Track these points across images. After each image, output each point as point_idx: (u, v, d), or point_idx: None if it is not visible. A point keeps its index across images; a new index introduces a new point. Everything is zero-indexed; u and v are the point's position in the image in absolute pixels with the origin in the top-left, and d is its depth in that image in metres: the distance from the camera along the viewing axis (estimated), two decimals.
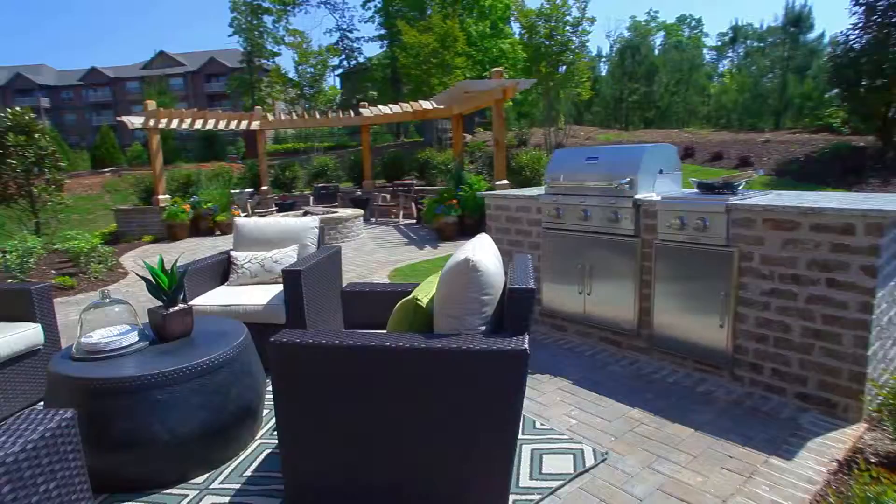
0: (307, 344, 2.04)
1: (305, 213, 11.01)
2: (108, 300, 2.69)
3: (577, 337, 4.15)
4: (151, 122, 11.10)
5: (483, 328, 2.06)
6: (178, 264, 2.95)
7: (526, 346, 1.87)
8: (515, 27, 21.38)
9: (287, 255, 4.19)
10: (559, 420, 2.89)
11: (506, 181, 9.96)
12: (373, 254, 9.00)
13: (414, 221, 12.69)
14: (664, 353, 3.55)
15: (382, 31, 33.17)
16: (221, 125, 13.15)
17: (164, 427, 2.38)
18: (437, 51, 17.22)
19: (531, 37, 15.67)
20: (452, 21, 17.91)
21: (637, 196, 3.59)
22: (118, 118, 11.51)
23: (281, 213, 12.12)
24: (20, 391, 3.27)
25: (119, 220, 11.66)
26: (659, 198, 3.50)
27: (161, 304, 2.79)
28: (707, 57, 43.58)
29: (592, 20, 15.28)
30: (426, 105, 13.42)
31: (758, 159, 14.71)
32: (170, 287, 2.74)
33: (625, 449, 2.58)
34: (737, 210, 3.07)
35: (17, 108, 9.70)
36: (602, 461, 2.48)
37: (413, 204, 13.19)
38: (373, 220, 13.66)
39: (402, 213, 13.29)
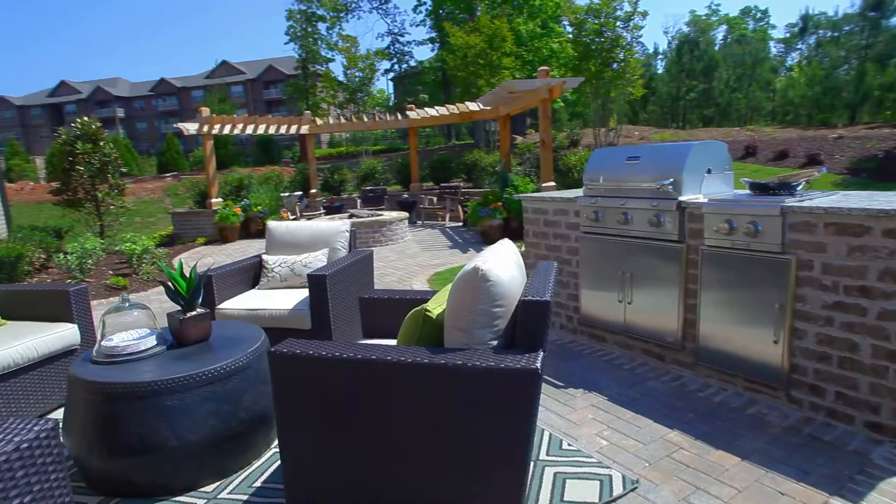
0: (306, 356, 1.93)
1: (351, 216, 11.11)
2: (127, 304, 2.70)
3: (617, 348, 3.89)
4: (205, 128, 11.51)
5: (494, 343, 1.89)
6: (216, 266, 2.94)
7: (537, 364, 1.69)
8: (566, 25, 20.87)
9: (317, 259, 4.15)
10: (589, 440, 2.67)
11: (552, 183, 9.68)
12: (415, 257, 8.94)
13: (460, 224, 12.58)
14: (711, 368, 3.24)
15: (433, 35, 33.31)
16: (272, 130, 13.49)
17: (173, 434, 2.34)
18: (485, 51, 17.03)
19: (580, 34, 15.20)
20: (500, 21, 17.67)
21: (681, 198, 3.30)
22: (175, 125, 11.99)
23: (328, 216, 12.30)
24: (56, 389, 3.36)
25: (175, 223, 12.16)
26: (705, 200, 3.21)
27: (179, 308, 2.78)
28: (773, 50, 41.16)
29: (644, 14, 14.63)
30: (472, 106, 13.28)
31: (828, 157, 13.67)
32: (187, 292, 2.71)
33: (659, 477, 2.34)
34: (794, 213, 2.75)
35: (86, 118, 10.27)
36: (632, 490, 2.25)
37: (459, 206, 13.07)
38: (419, 222, 13.65)
39: (448, 215, 13.20)
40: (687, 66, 27.30)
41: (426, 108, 14.54)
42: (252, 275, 4.26)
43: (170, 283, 2.70)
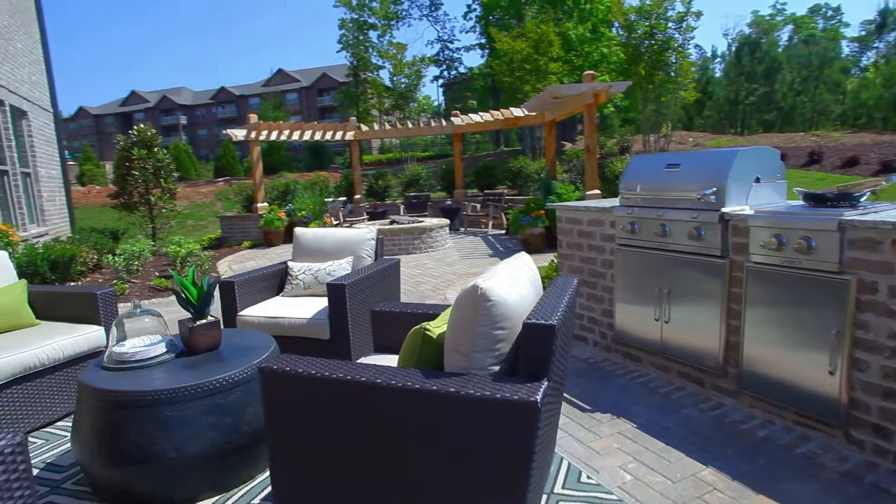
0: (296, 374, 1.82)
1: (392, 222, 11.11)
2: (138, 310, 2.69)
3: (653, 370, 3.61)
4: (252, 135, 11.81)
5: (496, 368, 1.72)
6: (239, 273, 2.90)
7: (537, 397, 1.50)
8: (616, 28, 20.28)
9: (341, 268, 4.07)
10: (611, 473, 2.44)
11: (597, 191, 9.36)
12: (453, 265, 8.81)
13: (503, 232, 12.39)
14: (755, 398, 2.93)
15: (482, 41, 33.28)
16: (318, 136, 13.72)
17: (171, 445, 2.29)
18: (531, 56, 16.76)
19: (630, 36, 14.68)
20: (547, 25, 17.35)
21: (725, 209, 3.02)
22: (224, 131, 12.39)
23: (371, 221, 12.36)
24: None
25: (223, 227, 12.53)
26: (752, 211, 2.91)
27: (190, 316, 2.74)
28: (846, 49, 38.59)
29: (698, 15, 13.95)
30: (517, 112, 13.08)
31: None
32: (197, 300, 2.68)
33: None
34: (854, 228, 2.44)
35: (142, 126, 10.74)
36: None
37: (502, 214, 12.87)
38: (462, 229, 13.54)
39: (491, 223, 13.03)
40: (747, 69, 25.98)
41: (470, 114, 14.43)
42: (278, 281, 4.24)
43: (181, 291, 2.67)
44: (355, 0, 33.96)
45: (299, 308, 3.70)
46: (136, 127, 10.54)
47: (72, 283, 7.17)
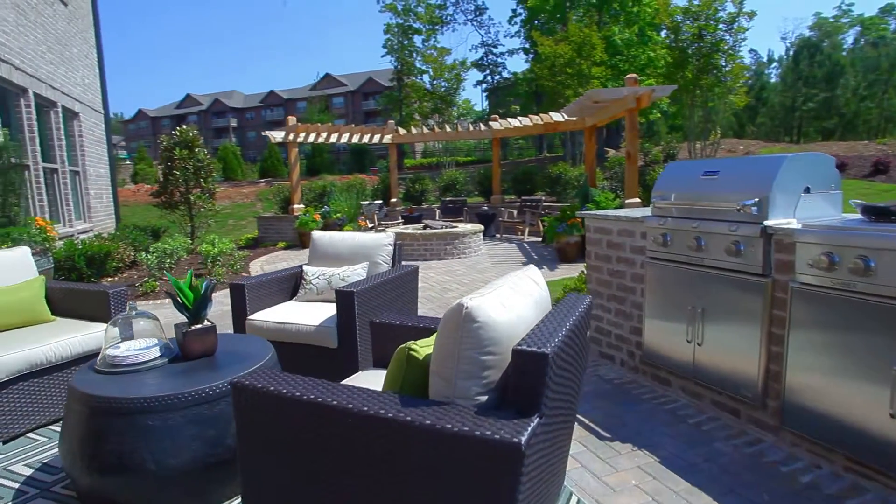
0: (267, 392, 1.66)
1: (425, 227, 10.99)
2: (133, 312, 2.61)
3: (683, 395, 3.30)
4: (290, 136, 11.94)
5: (483, 398, 1.51)
6: (252, 276, 2.80)
7: (523, 437, 1.29)
8: (664, 31, 19.55)
9: (355, 273, 3.94)
10: None
11: (637, 199, 8.97)
12: (484, 272, 8.60)
13: (539, 240, 12.08)
14: (800, 436, 2.60)
15: (525, 45, 32.95)
16: (356, 139, 13.76)
17: (151, 456, 2.17)
18: (573, 60, 16.35)
19: (676, 39, 14.05)
20: (590, 28, 16.89)
21: (768, 222, 2.70)
22: (263, 133, 12.57)
23: (405, 225, 12.29)
24: None
25: (260, 227, 12.71)
26: (799, 226, 2.59)
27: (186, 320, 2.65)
28: None
29: (751, 15, 13.17)
30: (556, 117, 12.74)
31: None
32: (193, 303, 2.57)
33: None
34: None
35: (184, 127, 11.01)
36: None
37: (539, 221, 12.57)
38: (497, 236, 13.31)
39: (527, 230, 12.73)
40: (805, 74, 24.61)
41: (509, 119, 14.19)
42: (292, 285, 4.14)
43: (176, 295, 2.57)
44: (401, 5, 34.26)
45: (309, 314, 3.57)
46: (178, 128, 10.80)
47: (108, 279, 7.35)
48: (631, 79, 8.73)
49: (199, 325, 2.60)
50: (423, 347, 1.73)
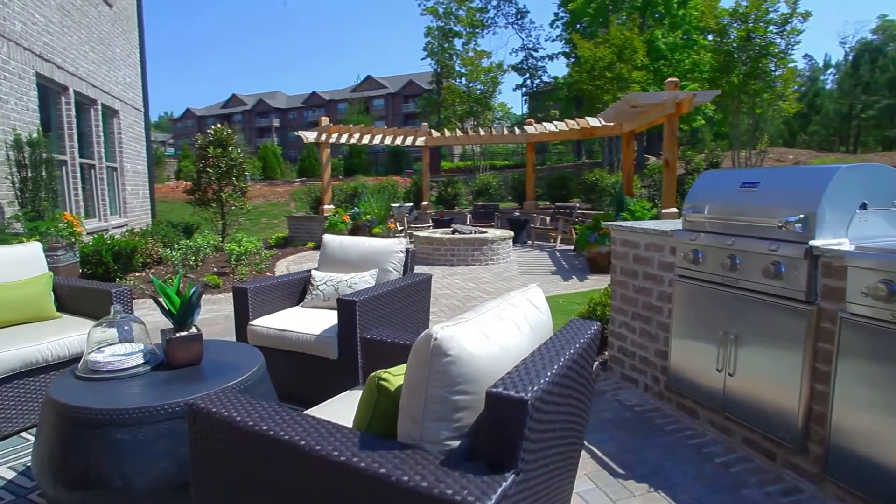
0: (219, 417, 1.49)
1: (453, 231, 10.79)
2: (118, 316, 2.49)
3: (711, 429, 2.97)
4: (323, 137, 11.95)
5: (454, 444, 1.29)
6: (256, 280, 2.67)
7: (490, 502, 1.06)
8: (709, 35, 18.71)
9: (363, 280, 3.76)
10: None
11: (674, 209, 8.54)
12: (510, 281, 8.34)
13: (571, 248, 11.72)
14: (846, 489, 2.26)
15: (566, 49, 32.41)
16: (388, 141, 13.69)
17: (118, 472, 2.04)
18: (613, 63, 15.85)
19: (722, 42, 13.36)
20: (631, 31, 16.35)
21: (815, 242, 2.37)
22: (296, 133, 12.64)
23: (435, 229, 12.13)
24: None
25: (291, 226, 12.77)
26: (852, 247, 2.26)
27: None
28: None
29: (806, 16, 12.35)
30: (593, 122, 12.36)
31: None
32: (178, 310, 2.44)
33: None
34: None
35: (219, 125, 11.15)
36: None
37: (572, 229, 12.20)
38: (528, 242, 13.01)
39: (559, 237, 12.38)
40: (865, 79, 23.21)
41: (544, 123, 13.86)
42: (300, 290, 4.00)
43: (160, 299, 2.45)
44: (442, 8, 34.24)
45: (311, 322, 3.41)
46: (213, 127, 10.95)
47: (135, 274, 7.43)
48: (671, 83, 8.32)
49: (184, 333, 2.46)
50: (397, 376, 1.52)
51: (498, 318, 1.45)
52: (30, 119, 6.98)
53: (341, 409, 2.01)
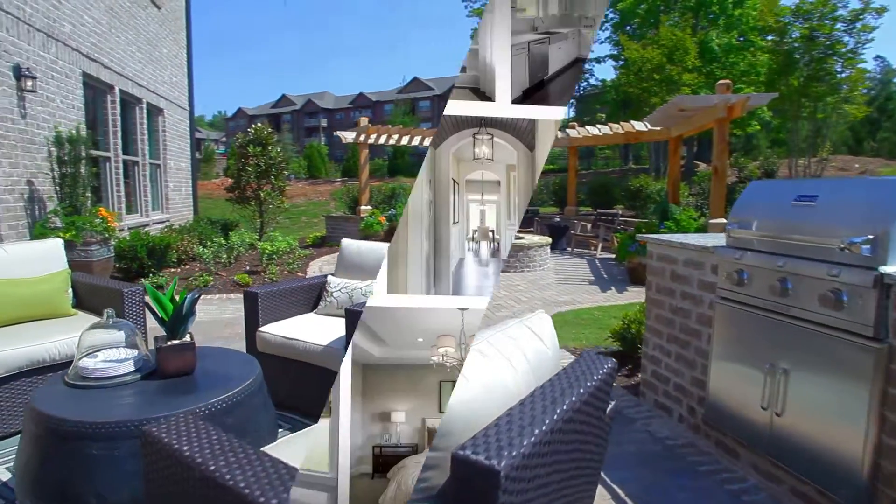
0: (170, 449, 1.32)
1: None
2: (111, 321, 2.39)
3: (754, 475, 2.63)
4: (361, 138, 11.93)
5: None
6: (268, 284, 2.54)
7: None
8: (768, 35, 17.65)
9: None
10: None
11: (722, 219, 8.03)
12: (545, 290, 8.03)
13: (612, 257, 11.29)
14: None
15: (614, 52, 31.56)
16: (427, 143, 13.57)
17: (92, 488, 1.92)
18: (662, 65, 15.20)
19: (781, 41, 12.52)
20: (683, 32, 15.63)
21: (886, 268, 2.03)
22: (335, 133, 12.67)
23: None
24: None
25: (328, 226, 12.81)
26: None
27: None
28: None
29: (881, 11, 11.30)
30: (638, 126, 11.87)
31: None
32: (169, 317, 2.31)
33: None
34: None
35: (259, 125, 11.28)
36: None
37: (614, 236, 11.75)
38: (568, 249, 12.61)
39: (600, 245, 11.94)
40: None
41: (587, 127, 13.43)
42: (315, 295, 3.86)
43: (152, 306, 2.33)
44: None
45: (321, 331, 3.25)
46: (253, 126, 11.07)
47: (169, 271, 7.53)
48: (722, 85, 7.83)
49: (175, 341, 2.33)
50: None
51: (478, 354, 1.21)
52: (75, 117, 7.18)
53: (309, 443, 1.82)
